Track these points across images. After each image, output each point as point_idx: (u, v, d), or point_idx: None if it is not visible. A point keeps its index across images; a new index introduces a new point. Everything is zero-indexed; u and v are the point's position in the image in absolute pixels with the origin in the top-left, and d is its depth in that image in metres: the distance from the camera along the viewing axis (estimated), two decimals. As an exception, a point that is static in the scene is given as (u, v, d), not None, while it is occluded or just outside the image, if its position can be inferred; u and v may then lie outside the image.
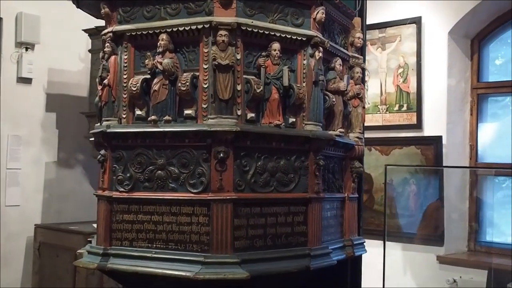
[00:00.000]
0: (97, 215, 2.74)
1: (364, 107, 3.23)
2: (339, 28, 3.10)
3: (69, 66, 6.26)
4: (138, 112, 2.70)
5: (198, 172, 2.52)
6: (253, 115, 2.62)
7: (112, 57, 2.74)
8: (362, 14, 3.44)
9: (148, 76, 2.66)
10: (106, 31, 2.78)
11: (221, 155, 2.46)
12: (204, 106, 2.55)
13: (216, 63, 2.49)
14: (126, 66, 2.72)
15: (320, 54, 2.76)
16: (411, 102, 5.66)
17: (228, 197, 2.49)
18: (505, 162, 5.34)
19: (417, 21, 5.62)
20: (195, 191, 2.52)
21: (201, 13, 2.58)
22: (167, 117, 2.58)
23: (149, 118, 2.60)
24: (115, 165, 2.69)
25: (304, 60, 2.74)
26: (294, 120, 2.72)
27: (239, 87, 2.56)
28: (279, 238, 2.64)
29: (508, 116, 5.47)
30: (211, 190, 2.49)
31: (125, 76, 2.72)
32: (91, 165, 5.86)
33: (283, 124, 2.65)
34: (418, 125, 5.62)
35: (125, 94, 2.71)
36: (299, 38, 2.71)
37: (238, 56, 2.56)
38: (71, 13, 3.99)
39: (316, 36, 2.75)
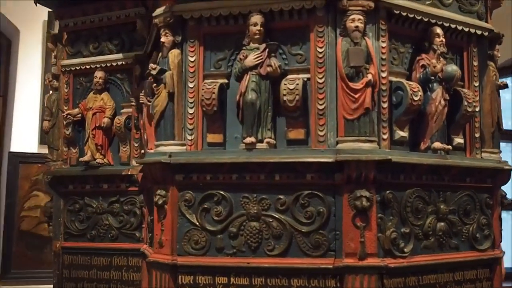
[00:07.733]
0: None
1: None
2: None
3: None
4: (400, 132, 1.76)
5: (482, 223, 1.89)
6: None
7: (367, 40, 1.67)
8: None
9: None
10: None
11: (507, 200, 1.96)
12: (477, 135, 1.94)
13: (501, 83, 1.97)
14: (384, 59, 1.73)
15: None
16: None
17: (501, 255, 1.99)
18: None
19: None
20: (480, 248, 1.88)
21: (472, 14, 1.95)
22: (438, 144, 1.80)
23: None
24: (381, 215, 1.65)
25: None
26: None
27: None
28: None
29: None
30: (496, 245, 1.93)
31: (383, 75, 1.72)
32: None
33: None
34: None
35: (384, 102, 1.72)
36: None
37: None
38: None
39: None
